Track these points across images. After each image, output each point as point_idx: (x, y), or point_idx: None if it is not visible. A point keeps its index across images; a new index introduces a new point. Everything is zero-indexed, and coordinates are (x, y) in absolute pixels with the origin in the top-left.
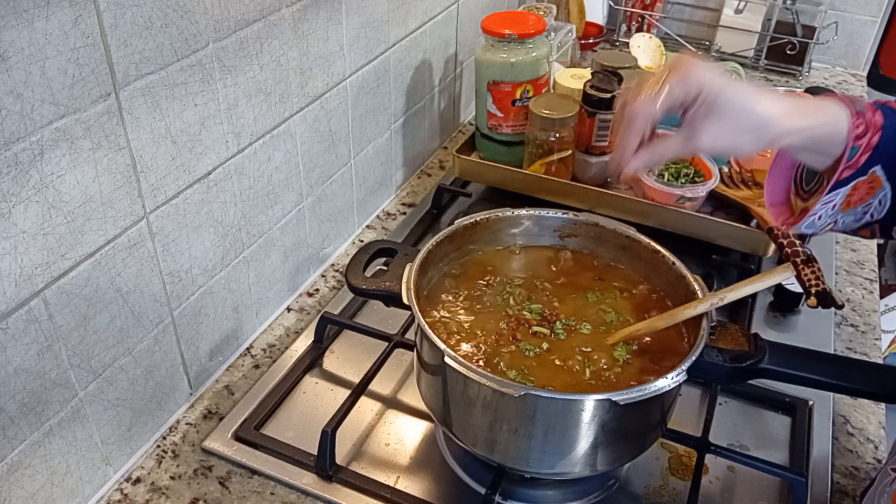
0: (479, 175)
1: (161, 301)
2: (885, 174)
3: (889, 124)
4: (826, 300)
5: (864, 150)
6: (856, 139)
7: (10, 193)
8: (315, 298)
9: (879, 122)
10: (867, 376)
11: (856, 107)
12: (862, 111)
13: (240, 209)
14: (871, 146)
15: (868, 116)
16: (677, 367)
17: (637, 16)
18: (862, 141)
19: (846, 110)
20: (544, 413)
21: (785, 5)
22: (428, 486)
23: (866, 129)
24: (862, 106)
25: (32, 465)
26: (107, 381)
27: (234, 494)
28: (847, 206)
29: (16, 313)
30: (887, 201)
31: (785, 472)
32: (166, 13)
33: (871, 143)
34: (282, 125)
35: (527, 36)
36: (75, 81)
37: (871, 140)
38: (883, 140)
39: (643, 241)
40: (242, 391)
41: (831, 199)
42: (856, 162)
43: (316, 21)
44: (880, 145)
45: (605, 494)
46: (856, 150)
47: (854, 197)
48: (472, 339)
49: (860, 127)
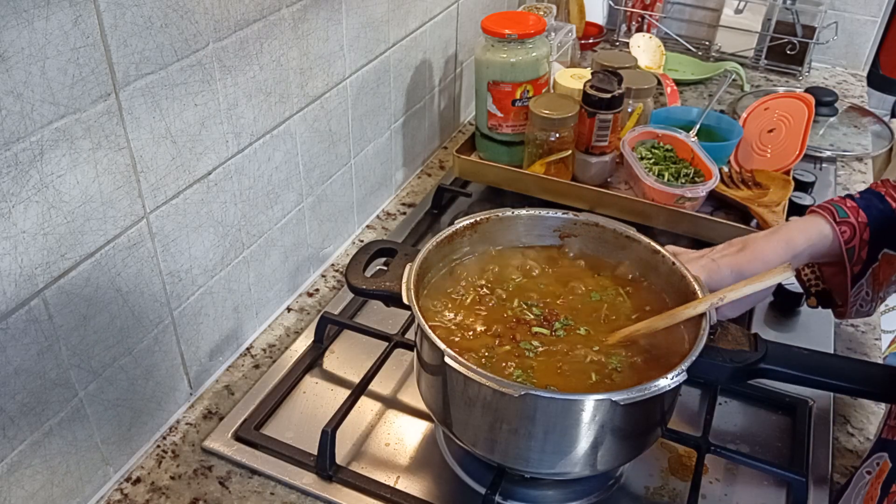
0: (479, 175)
1: (161, 301)
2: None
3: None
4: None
5: (859, 247)
6: (846, 244)
7: (10, 193)
8: (315, 298)
9: (864, 220)
10: (867, 376)
11: (837, 215)
12: (845, 217)
13: (240, 209)
14: (865, 242)
15: (852, 220)
16: (677, 367)
17: (637, 16)
18: (853, 242)
19: (828, 223)
20: (544, 413)
21: (785, 5)
22: (428, 486)
23: (853, 232)
24: (845, 211)
25: (32, 465)
26: (107, 381)
27: (234, 494)
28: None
29: (16, 313)
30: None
31: (785, 472)
32: (166, 13)
33: (864, 240)
34: (282, 125)
35: (527, 36)
36: (75, 81)
37: (863, 237)
38: (873, 232)
39: (643, 241)
40: (242, 391)
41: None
42: (858, 258)
43: (316, 21)
44: (872, 237)
45: (605, 494)
46: (852, 251)
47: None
48: (472, 339)
49: (846, 233)
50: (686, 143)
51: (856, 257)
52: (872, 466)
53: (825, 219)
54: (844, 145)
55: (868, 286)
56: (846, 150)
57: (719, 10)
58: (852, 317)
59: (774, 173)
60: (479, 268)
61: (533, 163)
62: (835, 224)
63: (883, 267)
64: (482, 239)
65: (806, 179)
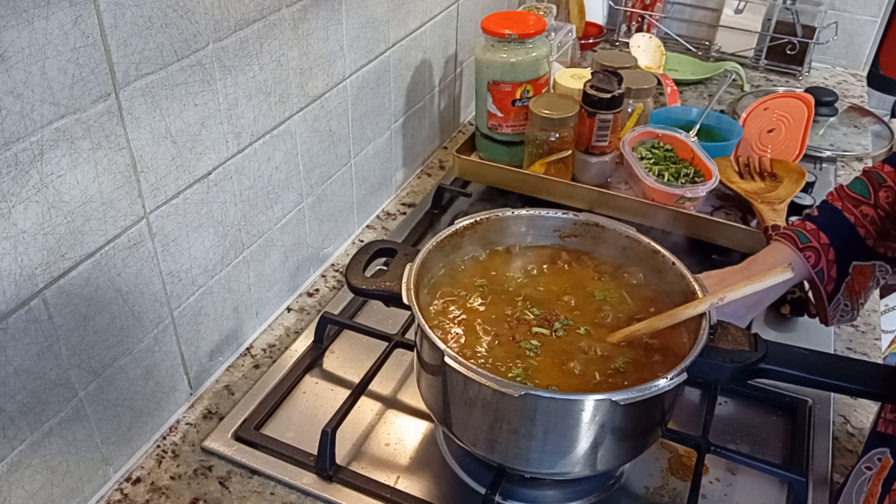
0: (479, 175)
1: (161, 301)
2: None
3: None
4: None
5: (827, 267)
6: (813, 267)
7: (10, 193)
8: (315, 298)
9: (826, 240)
10: (867, 376)
11: (799, 241)
12: (808, 242)
13: (240, 209)
14: (832, 262)
15: (814, 244)
16: (677, 367)
17: (637, 16)
18: (821, 264)
19: (792, 251)
20: (544, 413)
21: (785, 5)
22: (428, 486)
23: (818, 255)
24: (806, 237)
25: (32, 465)
26: (107, 381)
27: (234, 494)
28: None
29: (16, 313)
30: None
31: (785, 472)
32: (166, 13)
33: (831, 259)
34: (282, 125)
35: (527, 36)
36: (75, 81)
37: (829, 257)
38: (837, 251)
39: (643, 241)
40: (242, 391)
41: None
42: (829, 277)
43: (316, 21)
44: (839, 255)
45: (605, 494)
46: (821, 272)
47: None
48: (472, 339)
49: (811, 258)
50: (686, 143)
51: (826, 278)
52: (873, 462)
53: (789, 247)
54: (844, 145)
55: (845, 299)
56: (846, 150)
57: (719, 10)
58: (836, 324)
59: (792, 164)
60: (479, 268)
61: (533, 163)
62: (798, 251)
63: (856, 278)
64: (482, 239)
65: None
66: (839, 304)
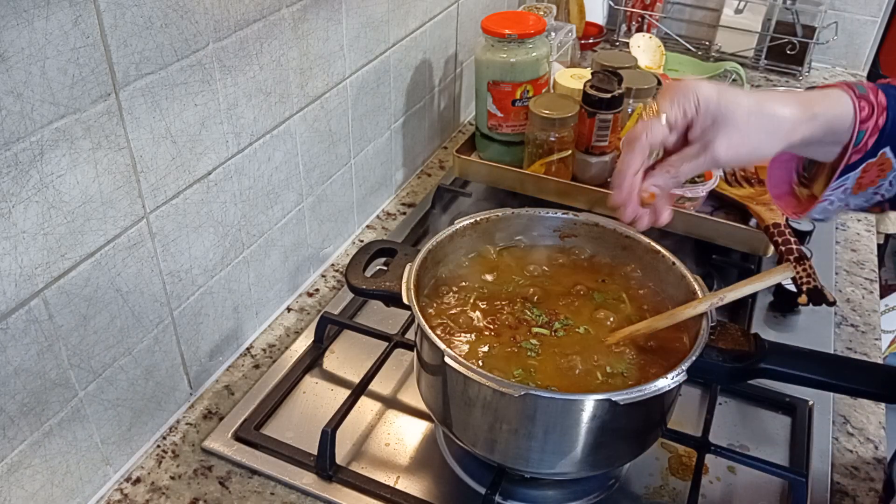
0: (479, 175)
1: (161, 301)
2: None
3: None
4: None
5: (871, 132)
6: (861, 122)
7: (10, 193)
8: (315, 298)
9: (884, 102)
10: (867, 376)
11: (857, 90)
12: (864, 93)
13: (240, 209)
14: (878, 128)
15: (871, 98)
16: (677, 367)
17: (637, 16)
18: (868, 123)
19: (849, 94)
20: (544, 413)
21: (785, 5)
22: (428, 486)
23: (871, 111)
24: (864, 88)
25: (32, 465)
26: (107, 381)
27: (234, 494)
28: (858, 188)
29: (16, 313)
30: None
31: (785, 472)
32: (166, 13)
33: (878, 125)
34: (282, 125)
35: (527, 36)
36: (75, 81)
37: (878, 122)
38: (889, 120)
39: (643, 241)
40: (242, 391)
41: (842, 184)
42: (864, 145)
43: (316, 21)
44: (886, 127)
45: (605, 494)
46: (863, 134)
47: (865, 180)
48: (472, 339)
49: (864, 109)
50: None
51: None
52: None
53: (846, 92)
54: None
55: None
56: None
57: (719, 10)
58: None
59: None
60: (479, 268)
61: (533, 163)
62: (855, 98)
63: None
64: (482, 239)
65: None
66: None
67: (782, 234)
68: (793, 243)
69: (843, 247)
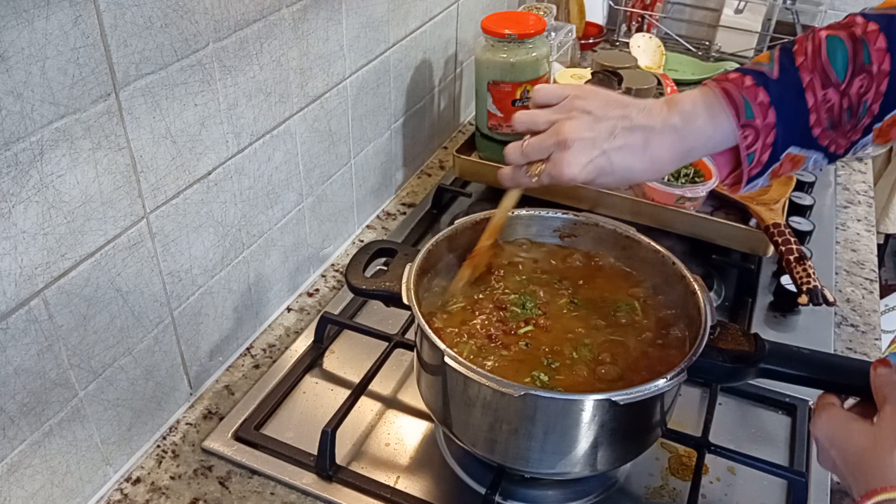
0: (479, 175)
1: (161, 301)
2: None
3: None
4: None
5: (760, 152)
6: (748, 148)
7: (10, 193)
8: (315, 298)
9: (772, 120)
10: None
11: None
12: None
13: (240, 209)
14: (767, 146)
15: (758, 121)
16: (677, 367)
17: (637, 16)
18: (756, 146)
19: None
20: (544, 413)
21: (785, 5)
22: (428, 486)
23: (756, 136)
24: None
25: (32, 465)
26: (107, 381)
27: (234, 494)
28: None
29: (16, 313)
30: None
31: (785, 472)
32: (166, 13)
33: (768, 143)
34: (282, 125)
35: (527, 36)
36: (75, 81)
37: (767, 141)
38: (780, 133)
39: (643, 241)
40: (242, 391)
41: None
42: (757, 162)
43: (316, 21)
44: (778, 140)
45: (605, 494)
46: (752, 156)
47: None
48: (472, 338)
49: (749, 137)
50: None
51: (755, 161)
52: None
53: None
54: None
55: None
56: None
57: (719, 10)
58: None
59: None
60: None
61: None
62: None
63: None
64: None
65: (806, 179)
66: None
67: (782, 234)
68: (793, 243)
69: (843, 247)
